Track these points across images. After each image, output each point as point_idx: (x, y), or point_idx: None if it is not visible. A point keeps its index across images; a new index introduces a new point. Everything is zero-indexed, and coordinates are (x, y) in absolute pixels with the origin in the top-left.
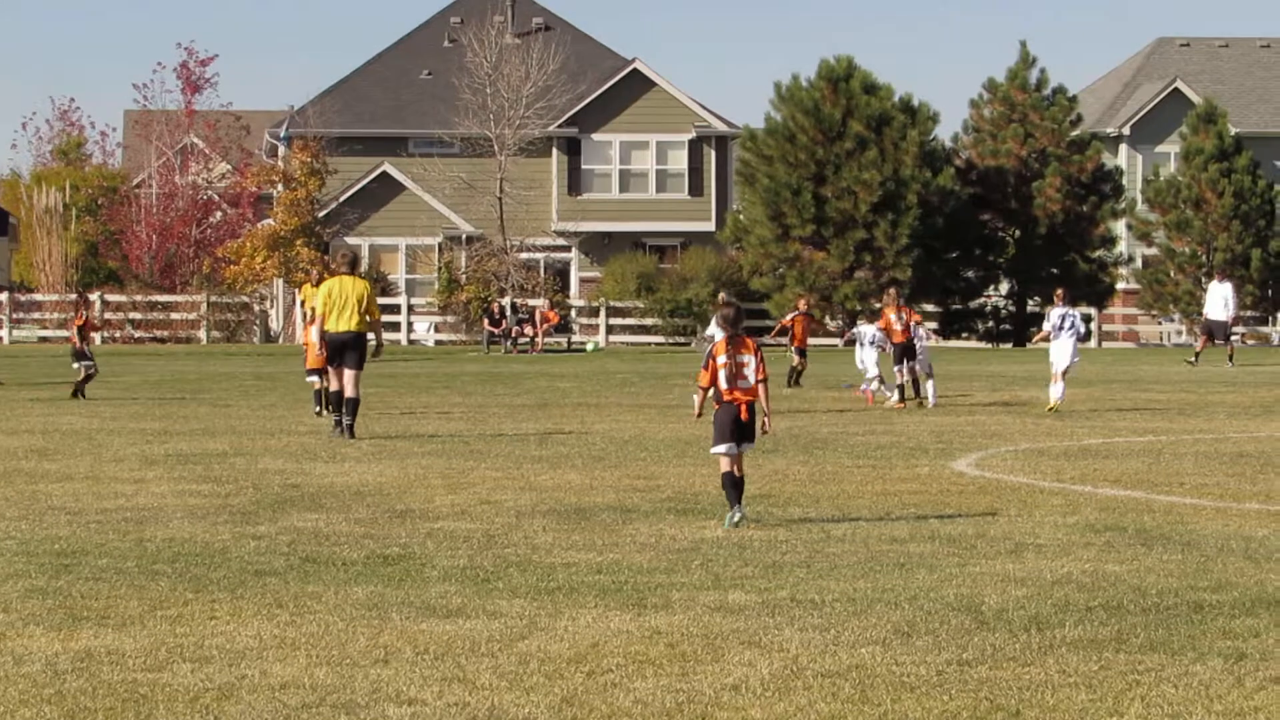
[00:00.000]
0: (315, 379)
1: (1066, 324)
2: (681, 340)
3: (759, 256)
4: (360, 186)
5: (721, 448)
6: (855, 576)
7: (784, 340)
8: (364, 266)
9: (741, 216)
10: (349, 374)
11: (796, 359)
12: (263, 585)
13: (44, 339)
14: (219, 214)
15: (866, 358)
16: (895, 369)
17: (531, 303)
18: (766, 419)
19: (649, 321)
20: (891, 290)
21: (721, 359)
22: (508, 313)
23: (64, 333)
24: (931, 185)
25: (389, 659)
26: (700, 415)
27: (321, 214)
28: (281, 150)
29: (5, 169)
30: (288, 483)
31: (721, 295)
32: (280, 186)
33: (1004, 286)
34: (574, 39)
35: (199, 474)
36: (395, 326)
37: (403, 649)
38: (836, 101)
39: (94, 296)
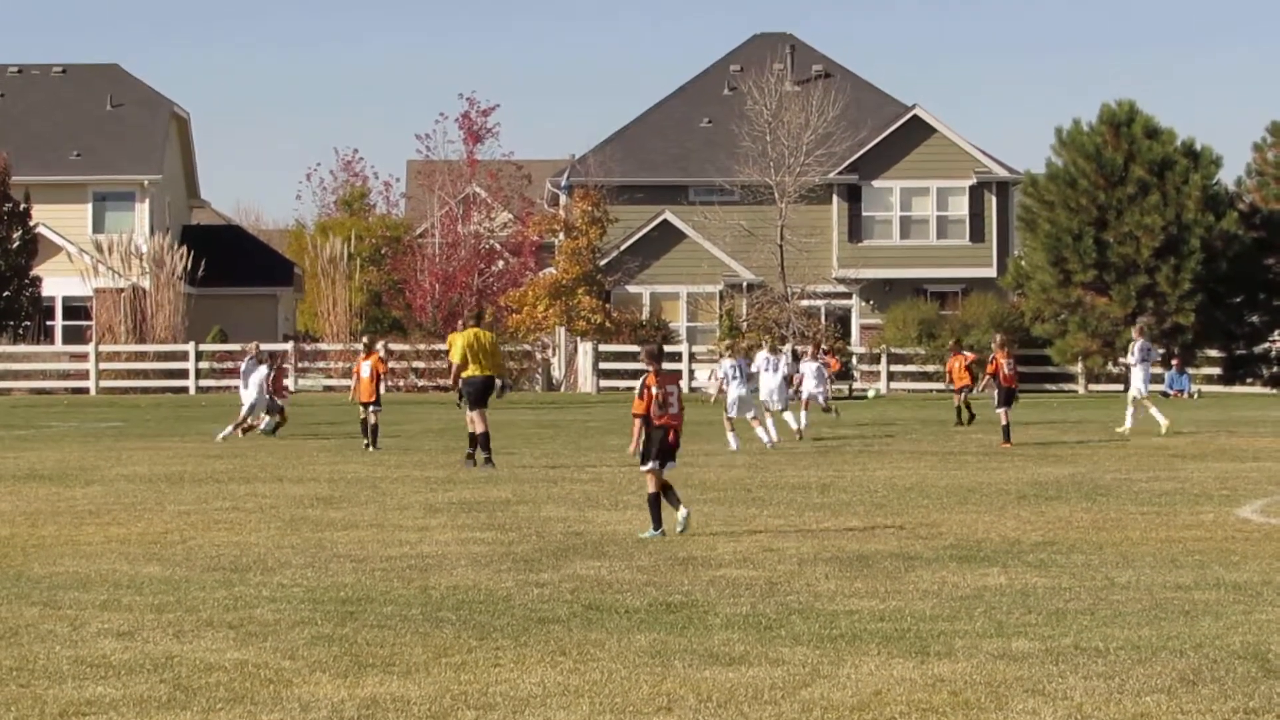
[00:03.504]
0: (363, 410)
1: None
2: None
3: (1041, 302)
4: (641, 234)
5: (648, 465)
6: (1140, 624)
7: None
8: (644, 314)
9: (1023, 262)
10: (483, 412)
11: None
12: (546, 632)
13: (329, 388)
14: (501, 263)
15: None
16: (998, 410)
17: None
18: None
19: (930, 368)
20: (999, 336)
21: (654, 390)
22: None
23: (348, 381)
24: (1215, 229)
25: (672, 707)
26: (636, 447)
27: (603, 262)
28: (563, 199)
29: (290, 220)
30: (570, 530)
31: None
32: (561, 235)
33: None
34: (853, 86)
35: (482, 522)
36: (677, 375)
37: (685, 697)
38: (1118, 146)
39: (378, 345)
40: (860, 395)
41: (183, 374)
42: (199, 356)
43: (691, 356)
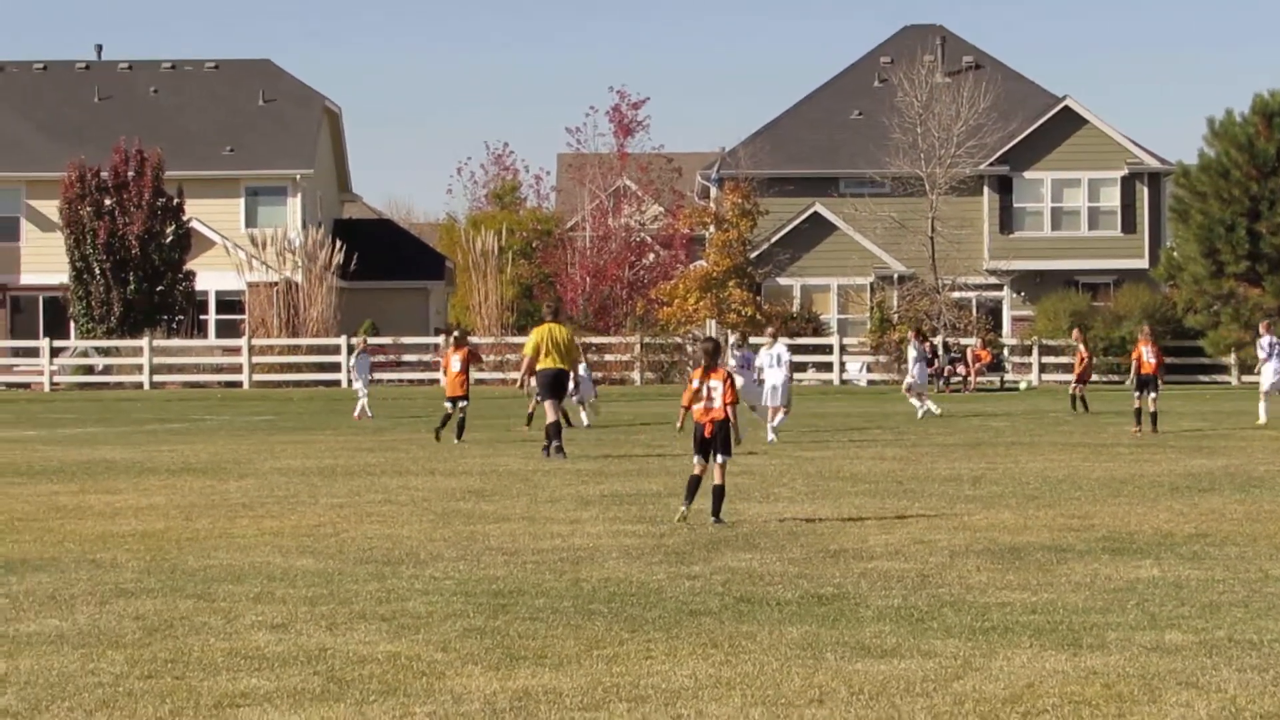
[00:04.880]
0: (449, 405)
1: None
2: (1115, 379)
3: (1193, 293)
4: (791, 227)
5: (694, 458)
6: None
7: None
8: (795, 306)
9: (1175, 253)
10: (556, 403)
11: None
12: (698, 625)
13: (479, 381)
14: (652, 256)
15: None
16: (1136, 395)
17: (964, 342)
18: (734, 431)
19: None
20: (1145, 327)
21: (696, 384)
22: (940, 352)
23: (499, 375)
24: None
25: (824, 699)
26: (680, 428)
27: (753, 255)
28: (713, 191)
29: (441, 214)
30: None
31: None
32: (712, 228)
33: None
34: (1004, 77)
35: (634, 514)
36: (828, 366)
37: (838, 689)
38: (1271, 137)
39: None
40: (1013, 387)
41: (335, 367)
42: (351, 350)
43: (843, 349)
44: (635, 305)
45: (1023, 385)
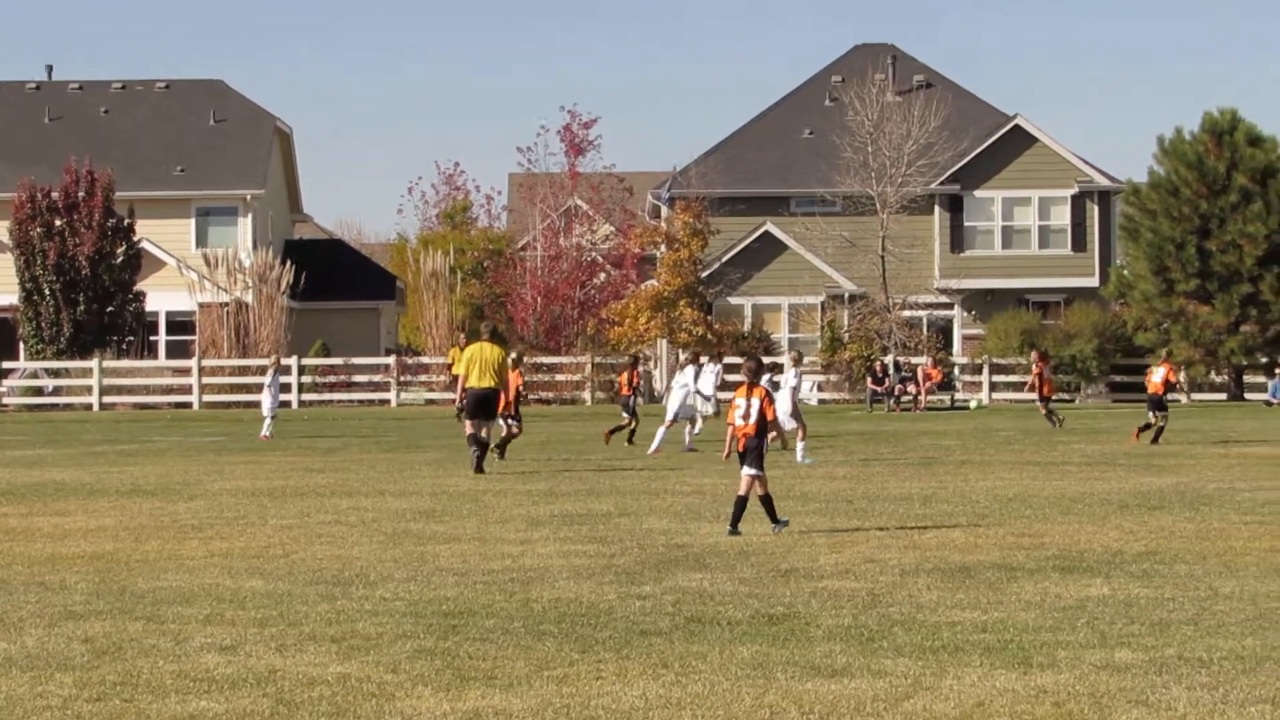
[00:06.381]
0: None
1: None
2: (1065, 397)
3: (1143, 311)
4: (743, 246)
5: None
6: (1244, 634)
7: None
8: (746, 326)
9: (1125, 271)
10: (486, 423)
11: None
12: (648, 645)
13: (431, 401)
14: (603, 275)
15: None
16: (1151, 413)
17: (914, 360)
18: (772, 437)
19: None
20: (1163, 351)
21: (737, 400)
22: (890, 371)
23: (450, 395)
24: None
25: (774, 719)
26: (728, 456)
27: (704, 274)
28: (664, 211)
29: (392, 234)
30: (672, 542)
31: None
32: (663, 247)
33: None
34: (955, 96)
35: (584, 534)
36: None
37: (788, 709)
38: (1220, 154)
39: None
40: (963, 406)
41: (285, 388)
42: (302, 370)
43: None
44: (586, 325)
45: (973, 404)
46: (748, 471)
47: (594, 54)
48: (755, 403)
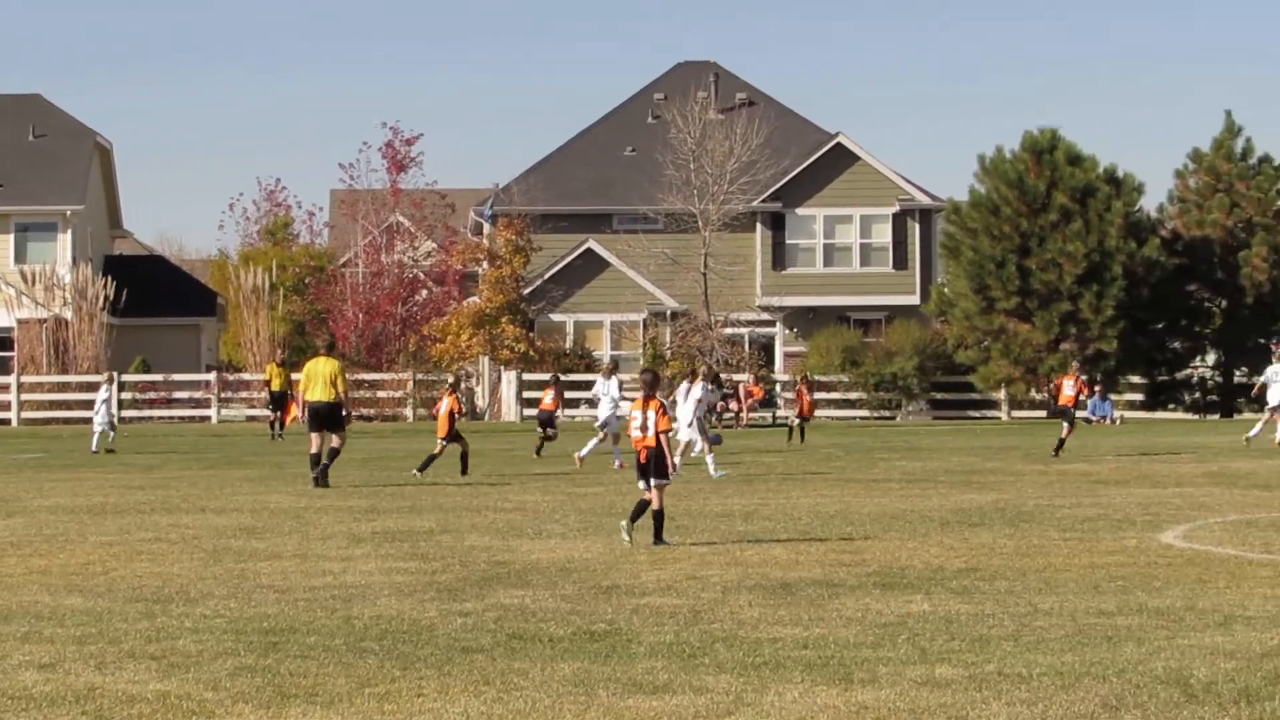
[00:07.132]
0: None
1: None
2: (886, 415)
3: (964, 329)
4: (565, 263)
5: (639, 484)
6: (1063, 650)
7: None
8: (568, 343)
9: (946, 289)
10: (326, 435)
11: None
12: (470, 662)
13: (251, 418)
14: (425, 292)
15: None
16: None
17: (736, 378)
18: (668, 459)
19: (854, 395)
20: (1074, 364)
21: (635, 413)
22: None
23: (268, 413)
24: (1137, 256)
25: None
26: (621, 466)
27: (526, 291)
28: (486, 228)
29: (213, 250)
30: (494, 559)
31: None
32: (485, 264)
33: (1210, 357)
34: (777, 114)
35: (406, 551)
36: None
37: None
38: (1040, 173)
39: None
40: (784, 423)
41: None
42: (122, 387)
43: (620, 385)
44: (408, 341)
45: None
46: (656, 483)
47: (417, 70)
48: (651, 415)
